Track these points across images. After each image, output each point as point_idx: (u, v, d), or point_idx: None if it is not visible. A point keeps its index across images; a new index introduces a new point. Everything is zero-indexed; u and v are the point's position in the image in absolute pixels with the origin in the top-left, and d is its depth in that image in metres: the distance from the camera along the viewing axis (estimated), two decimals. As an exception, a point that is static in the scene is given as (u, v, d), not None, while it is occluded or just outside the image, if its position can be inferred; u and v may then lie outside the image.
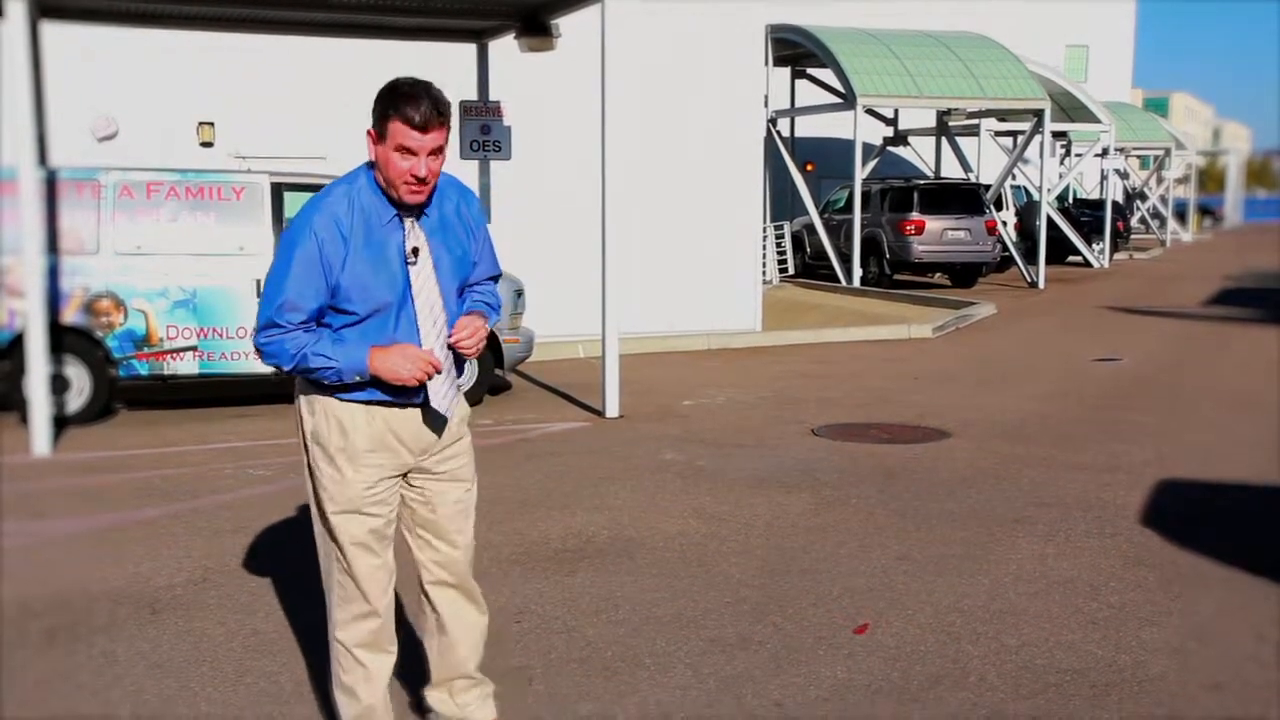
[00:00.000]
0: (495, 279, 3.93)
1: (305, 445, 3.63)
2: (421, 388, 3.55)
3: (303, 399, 3.62)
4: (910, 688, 4.65)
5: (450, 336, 3.60)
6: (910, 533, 6.83)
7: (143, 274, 10.09)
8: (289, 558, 6.33)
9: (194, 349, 10.22)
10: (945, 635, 5.21)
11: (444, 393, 3.62)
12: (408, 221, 3.54)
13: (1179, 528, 6.88)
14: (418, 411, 3.62)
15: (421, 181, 3.44)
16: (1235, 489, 7.90)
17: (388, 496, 3.66)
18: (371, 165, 3.52)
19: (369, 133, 3.46)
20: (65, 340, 9.85)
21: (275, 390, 11.43)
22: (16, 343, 9.51)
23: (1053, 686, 4.65)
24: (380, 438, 3.57)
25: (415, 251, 3.52)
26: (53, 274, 9.72)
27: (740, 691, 4.60)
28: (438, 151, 3.44)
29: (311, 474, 3.63)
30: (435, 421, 3.66)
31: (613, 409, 10.35)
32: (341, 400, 3.53)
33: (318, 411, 3.56)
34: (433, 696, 4.08)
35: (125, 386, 10.49)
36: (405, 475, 3.72)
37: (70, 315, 9.93)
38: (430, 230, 3.58)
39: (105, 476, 8.22)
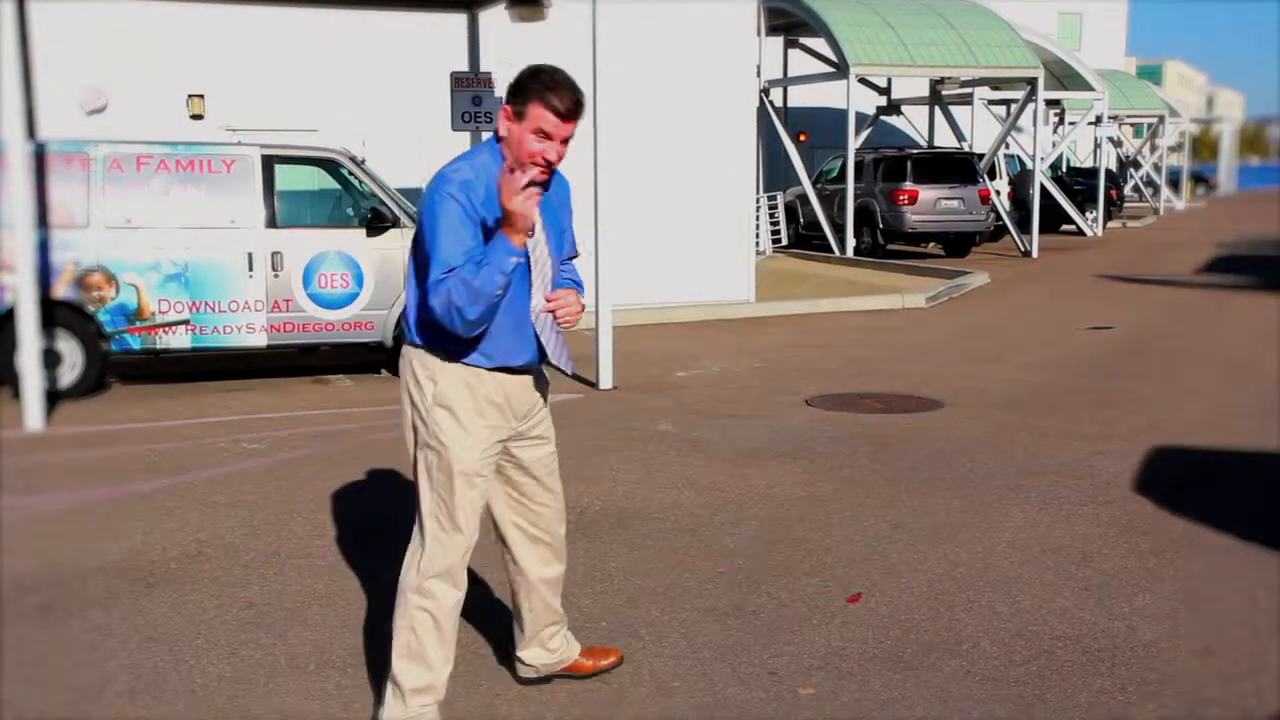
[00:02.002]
0: (576, 258, 4.11)
1: (424, 415, 3.76)
2: (542, 349, 3.82)
3: (421, 369, 3.76)
4: (904, 656, 4.67)
5: (548, 303, 3.77)
6: (904, 501, 6.84)
7: (134, 248, 10.03)
8: (283, 531, 6.34)
9: (186, 323, 10.18)
10: (938, 603, 5.23)
11: (558, 352, 3.87)
12: None
13: (1172, 495, 6.90)
14: (527, 378, 3.88)
15: (550, 165, 3.68)
16: (1228, 456, 7.92)
17: (491, 466, 3.87)
18: (496, 141, 3.73)
19: (504, 109, 3.67)
20: (57, 315, 9.81)
21: (268, 365, 11.42)
22: (8, 317, 9.47)
23: (1045, 653, 4.67)
24: (495, 400, 3.78)
25: (531, 226, 3.64)
26: (43, 248, 9.67)
27: (735, 660, 4.61)
28: (568, 140, 3.68)
29: (431, 444, 3.76)
30: (538, 384, 3.96)
31: (607, 381, 10.35)
32: (466, 365, 3.72)
33: (442, 378, 3.73)
34: (529, 654, 4.29)
35: (117, 360, 10.47)
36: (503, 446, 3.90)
37: (62, 290, 9.88)
38: (541, 207, 3.72)
39: (99, 450, 8.21)
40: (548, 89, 3.60)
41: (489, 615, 5.08)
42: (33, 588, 5.46)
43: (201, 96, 14.28)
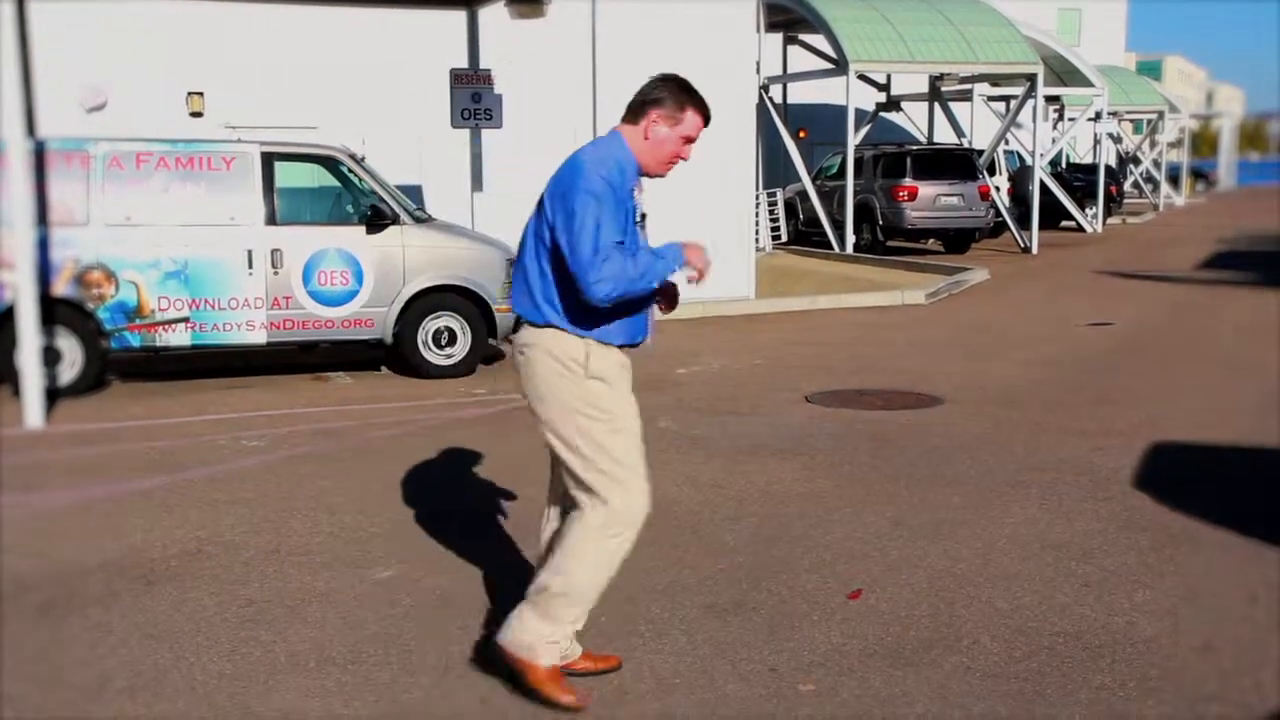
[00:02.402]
0: None
1: (576, 391, 4.03)
2: (647, 329, 4.19)
3: (561, 352, 4.02)
4: (904, 652, 4.67)
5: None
6: (904, 498, 6.84)
7: (133, 245, 10.02)
8: (282, 528, 6.34)
9: (186, 320, 10.18)
10: (939, 599, 5.23)
11: (654, 336, 4.29)
12: (638, 192, 4.08)
13: (1172, 491, 6.89)
14: (630, 356, 4.24)
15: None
16: (1227, 451, 7.92)
17: None
18: (614, 137, 4.08)
19: (658, 113, 4.06)
20: (57, 312, 9.80)
21: (267, 362, 11.42)
22: (8, 315, 9.46)
23: (1045, 649, 4.67)
24: (621, 369, 4.17)
25: (644, 217, 4.11)
26: (43, 246, 9.65)
27: (735, 657, 4.61)
28: None
29: (591, 414, 4.05)
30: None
31: (606, 377, 10.33)
32: (601, 341, 4.05)
33: (593, 354, 4.04)
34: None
35: (117, 358, 10.47)
36: None
37: (61, 287, 9.87)
38: (639, 205, 4.13)
39: (99, 448, 8.21)
40: (701, 101, 4.12)
41: (486, 612, 5.09)
42: (33, 585, 5.46)
43: (201, 94, 14.27)
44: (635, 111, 4.10)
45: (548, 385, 4.07)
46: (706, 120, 4.15)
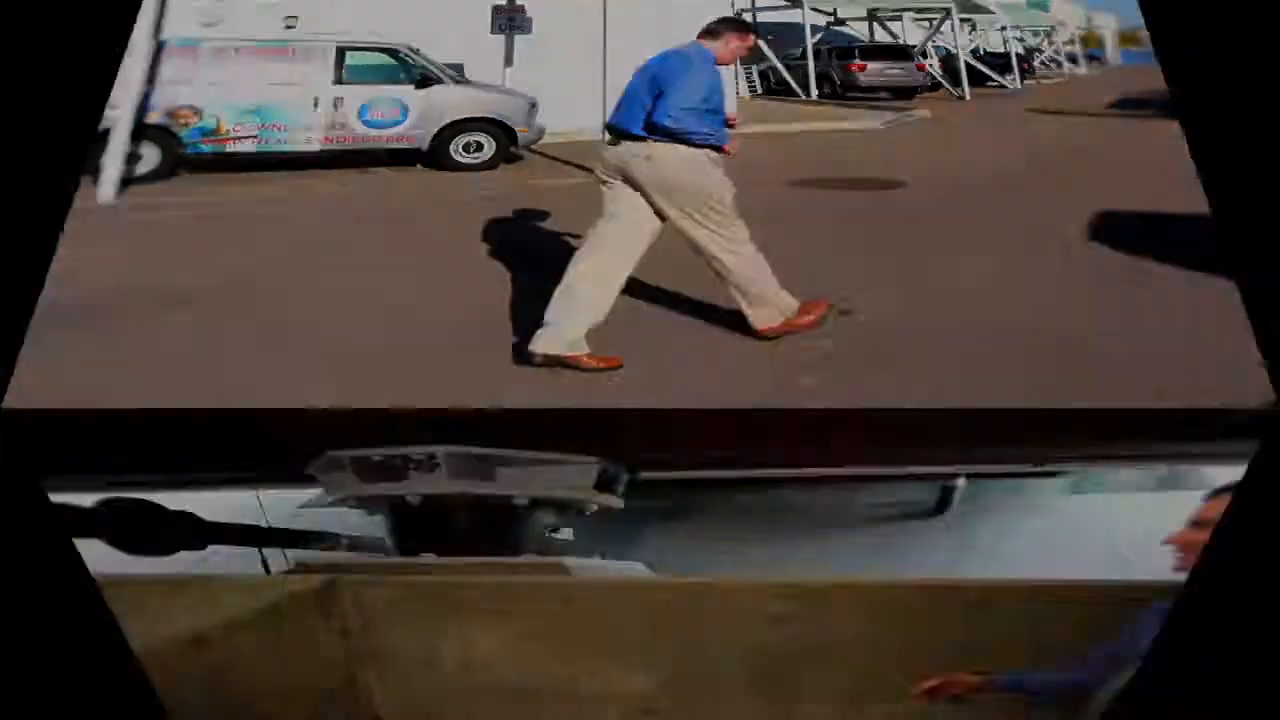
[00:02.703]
0: None
1: (709, 176, 4.04)
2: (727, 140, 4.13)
3: (692, 155, 3.96)
4: (889, 353, 3.80)
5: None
6: (875, 248, 5.97)
7: (221, 92, 9.23)
8: (311, 272, 5.44)
9: (254, 138, 9.30)
10: (913, 312, 4.40)
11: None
12: None
13: (1124, 243, 5.87)
14: None
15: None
16: (1164, 217, 6.85)
17: None
18: (698, 45, 4.13)
19: (730, 34, 4.17)
20: (148, 132, 8.83)
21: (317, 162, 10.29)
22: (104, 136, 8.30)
23: (1024, 340, 3.79)
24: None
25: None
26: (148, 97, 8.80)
27: (734, 350, 3.80)
28: None
29: (717, 188, 4.10)
30: None
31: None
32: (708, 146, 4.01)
33: (708, 154, 4.03)
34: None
35: (190, 160, 9.41)
36: None
37: (155, 118, 8.93)
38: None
39: (158, 214, 7.27)
40: (749, 28, 4.46)
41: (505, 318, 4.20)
42: (65, 306, 4.46)
43: (296, 16, 13.10)
44: (712, 34, 4.17)
45: (683, 179, 3.99)
46: (755, 37, 4.67)
